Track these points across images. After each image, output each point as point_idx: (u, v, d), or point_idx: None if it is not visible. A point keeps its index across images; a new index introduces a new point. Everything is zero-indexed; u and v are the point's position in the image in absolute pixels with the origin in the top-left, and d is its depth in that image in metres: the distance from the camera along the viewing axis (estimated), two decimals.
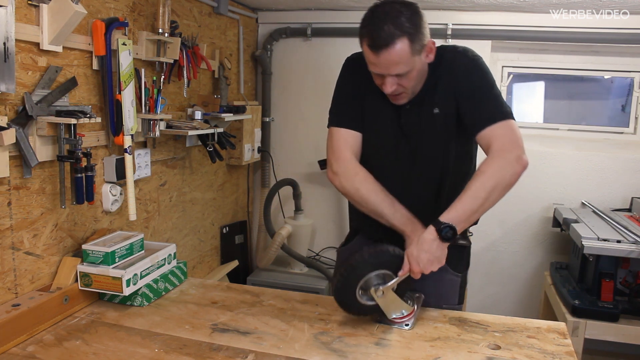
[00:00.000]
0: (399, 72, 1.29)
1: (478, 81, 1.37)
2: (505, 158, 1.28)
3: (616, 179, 2.66)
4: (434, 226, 1.28)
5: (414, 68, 1.31)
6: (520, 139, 1.32)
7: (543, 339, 1.33)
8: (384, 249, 1.33)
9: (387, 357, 1.24)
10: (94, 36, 1.58)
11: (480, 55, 1.42)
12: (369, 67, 1.34)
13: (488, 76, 1.39)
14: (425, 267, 1.28)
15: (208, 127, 2.13)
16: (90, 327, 1.39)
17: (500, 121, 1.32)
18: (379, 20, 1.25)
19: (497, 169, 1.27)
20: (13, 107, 1.35)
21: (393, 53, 1.25)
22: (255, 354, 1.25)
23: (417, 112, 1.42)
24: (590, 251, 2.07)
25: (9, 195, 1.37)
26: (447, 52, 1.42)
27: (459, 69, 1.38)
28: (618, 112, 2.82)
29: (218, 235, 2.71)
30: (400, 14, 1.24)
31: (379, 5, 1.29)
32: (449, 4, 2.60)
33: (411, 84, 1.35)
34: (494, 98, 1.36)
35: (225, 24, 2.59)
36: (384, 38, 1.24)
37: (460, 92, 1.37)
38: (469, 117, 1.36)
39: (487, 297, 2.91)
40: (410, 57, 1.27)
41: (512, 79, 2.87)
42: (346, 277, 1.32)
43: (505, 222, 2.82)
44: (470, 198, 1.27)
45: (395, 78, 1.32)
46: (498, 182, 1.27)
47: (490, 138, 1.32)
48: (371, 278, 1.33)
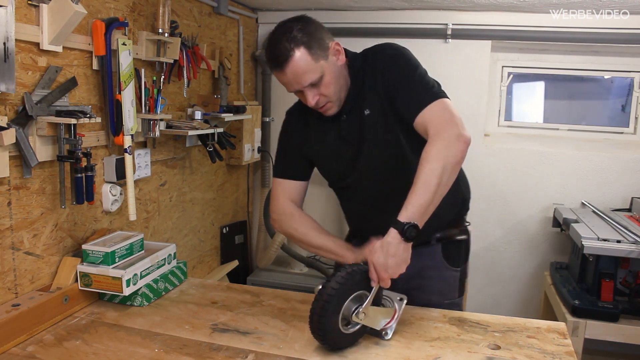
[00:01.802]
0: (311, 81, 1.31)
1: (399, 71, 1.36)
2: (444, 139, 1.23)
3: (616, 179, 2.66)
4: (396, 228, 1.20)
5: (325, 73, 1.32)
6: (456, 116, 1.27)
7: (543, 339, 1.33)
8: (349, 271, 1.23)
9: (387, 357, 1.24)
10: (94, 36, 1.58)
11: (402, 46, 1.40)
12: (287, 89, 1.38)
13: (410, 64, 1.36)
14: (393, 272, 1.22)
15: (208, 127, 2.13)
16: (90, 327, 1.39)
17: (430, 103, 1.29)
18: (275, 42, 1.31)
19: (439, 152, 1.22)
20: (13, 107, 1.35)
21: (295, 65, 1.29)
22: (255, 354, 1.25)
23: (352, 119, 1.42)
24: (590, 251, 2.07)
25: (9, 195, 1.37)
26: (368, 53, 1.42)
27: (379, 66, 1.37)
28: (618, 112, 2.82)
29: (218, 235, 2.71)
30: (292, 29, 1.30)
31: (274, 30, 1.35)
32: (449, 4, 2.60)
33: (331, 90, 1.35)
34: (419, 83, 1.33)
35: (225, 24, 2.59)
36: (281, 55, 1.29)
37: (386, 88, 1.36)
38: (402, 110, 1.34)
39: (487, 297, 2.90)
40: (315, 64, 1.30)
41: (512, 79, 2.87)
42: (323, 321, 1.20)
43: (505, 222, 2.82)
44: (422, 190, 1.20)
45: (313, 89, 1.33)
46: (444, 165, 1.21)
47: (425, 123, 1.28)
48: (347, 306, 1.23)
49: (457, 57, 2.75)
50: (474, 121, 2.76)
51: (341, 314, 1.22)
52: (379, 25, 2.76)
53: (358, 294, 1.25)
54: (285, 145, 1.57)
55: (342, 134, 1.44)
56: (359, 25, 2.74)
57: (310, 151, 1.52)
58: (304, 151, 1.52)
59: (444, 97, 1.32)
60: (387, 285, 1.24)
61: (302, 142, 1.52)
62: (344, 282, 1.21)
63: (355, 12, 2.79)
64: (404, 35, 2.74)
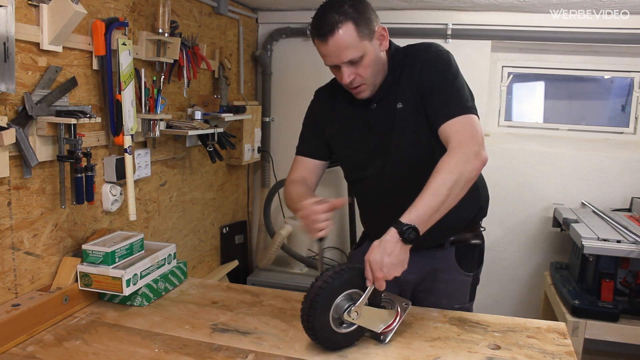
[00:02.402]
0: (351, 57, 1.30)
1: (439, 75, 1.36)
2: (464, 153, 1.23)
3: (616, 179, 2.66)
4: (396, 228, 1.19)
5: (367, 54, 1.31)
6: (480, 135, 1.28)
7: (543, 339, 1.33)
8: (337, 270, 1.22)
9: (387, 357, 1.24)
10: (94, 36, 1.58)
11: (447, 50, 1.41)
12: (324, 61, 1.35)
13: (451, 70, 1.36)
14: (388, 272, 1.18)
15: (208, 127, 2.13)
16: (90, 327, 1.39)
17: (459, 116, 1.29)
18: (323, 11, 1.30)
19: (456, 165, 1.22)
20: (13, 107, 1.35)
21: (339, 38, 1.27)
22: (255, 354, 1.25)
23: (382, 109, 1.41)
24: (590, 251, 2.06)
25: (9, 195, 1.37)
26: (412, 49, 1.42)
27: (420, 64, 1.37)
28: (618, 112, 2.82)
29: (218, 235, 2.71)
30: (343, 3, 1.28)
31: (325, 1, 1.33)
32: (449, 4, 2.60)
33: (368, 72, 1.34)
34: (454, 91, 1.34)
35: (225, 24, 2.59)
36: (329, 25, 1.27)
37: (422, 86, 1.36)
38: (430, 112, 1.35)
39: (487, 297, 2.90)
40: (359, 42, 1.29)
41: (512, 79, 2.87)
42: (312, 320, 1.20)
43: (505, 222, 2.82)
44: (431, 196, 1.20)
45: (351, 67, 1.32)
46: (458, 178, 1.21)
47: (448, 133, 1.29)
48: (338, 305, 1.22)
49: (457, 57, 2.69)
50: None
51: (331, 312, 1.22)
52: None
53: (350, 293, 1.24)
54: (308, 124, 1.58)
55: (370, 123, 1.43)
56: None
57: (332, 136, 1.52)
58: (326, 134, 1.53)
59: (474, 113, 1.32)
60: (382, 287, 1.21)
61: (325, 125, 1.53)
62: (331, 280, 1.20)
63: None
64: (404, 35, 2.74)
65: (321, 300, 1.19)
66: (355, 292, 1.25)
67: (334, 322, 1.23)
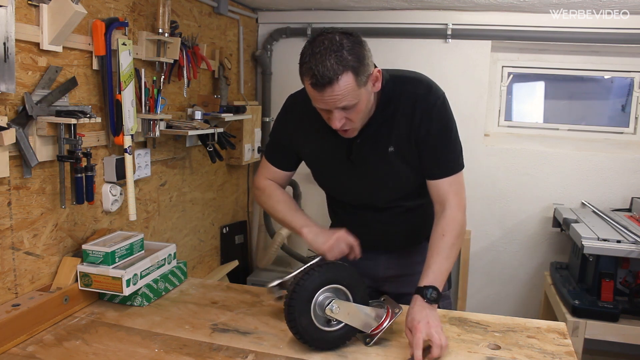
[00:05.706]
0: (346, 105, 1.22)
1: (440, 130, 1.35)
2: (461, 218, 1.36)
3: (616, 179, 2.66)
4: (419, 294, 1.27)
5: (361, 100, 1.24)
6: (464, 190, 1.41)
7: (543, 339, 1.33)
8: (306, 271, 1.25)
9: (387, 357, 1.24)
10: (94, 36, 1.58)
11: (443, 92, 1.37)
12: (314, 103, 1.26)
13: (449, 123, 1.36)
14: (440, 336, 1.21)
15: (208, 127, 2.13)
16: (90, 327, 1.39)
17: (453, 174, 1.37)
18: (319, 55, 1.16)
19: (462, 228, 1.36)
20: (13, 107, 1.35)
21: (337, 89, 1.18)
22: (255, 354, 1.25)
23: (369, 146, 1.38)
24: (590, 251, 2.07)
25: (9, 195, 1.37)
26: (406, 87, 1.36)
27: (420, 112, 1.33)
28: (618, 112, 2.82)
29: (218, 235, 2.71)
30: (342, 47, 1.16)
31: (318, 37, 1.20)
32: (449, 4, 2.60)
33: (359, 116, 1.28)
34: (452, 147, 1.37)
35: (225, 24, 2.59)
36: (327, 76, 1.16)
37: (421, 136, 1.34)
38: (425, 163, 1.37)
39: (487, 297, 2.91)
40: (356, 90, 1.20)
41: (512, 79, 2.87)
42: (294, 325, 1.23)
43: (505, 222, 2.82)
44: (443, 259, 1.31)
45: (343, 112, 1.24)
46: (461, 241, 1.38)
47: (443, 192, 1.37)
48: (319, 303, 1.25)
49: (457, 57, 2.75)
50: (474, 121, 2.76)
51: (312, 312, 1.24)
52: (379, 25, 2.76)
53: (328, 289, 1.26)
54: (278, 134, 1.52)
55: (352, 157, 1.40)
56: (359, 25, 2.74)
57: (309, 159, 1.50)
58: (297, 149, 1.49)
59: (462, 168, 1.40)
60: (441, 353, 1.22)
61: (299, 142, 1.48)
62: (302, 282, 1.23)
63: (355, 12, 2.79)
64: (404, 35, 2.75)
65: (297, 304, 1.22)
66: (333, 287, 1.27)
67: (320, 321, 1.25)
